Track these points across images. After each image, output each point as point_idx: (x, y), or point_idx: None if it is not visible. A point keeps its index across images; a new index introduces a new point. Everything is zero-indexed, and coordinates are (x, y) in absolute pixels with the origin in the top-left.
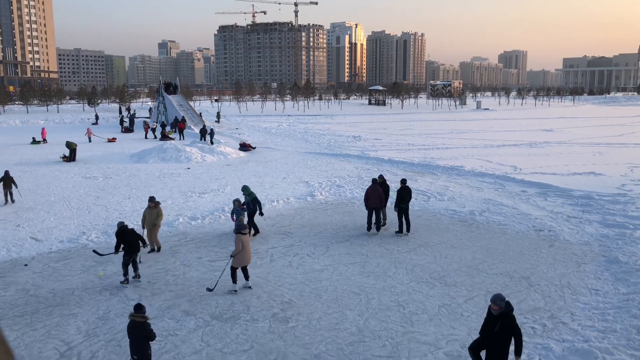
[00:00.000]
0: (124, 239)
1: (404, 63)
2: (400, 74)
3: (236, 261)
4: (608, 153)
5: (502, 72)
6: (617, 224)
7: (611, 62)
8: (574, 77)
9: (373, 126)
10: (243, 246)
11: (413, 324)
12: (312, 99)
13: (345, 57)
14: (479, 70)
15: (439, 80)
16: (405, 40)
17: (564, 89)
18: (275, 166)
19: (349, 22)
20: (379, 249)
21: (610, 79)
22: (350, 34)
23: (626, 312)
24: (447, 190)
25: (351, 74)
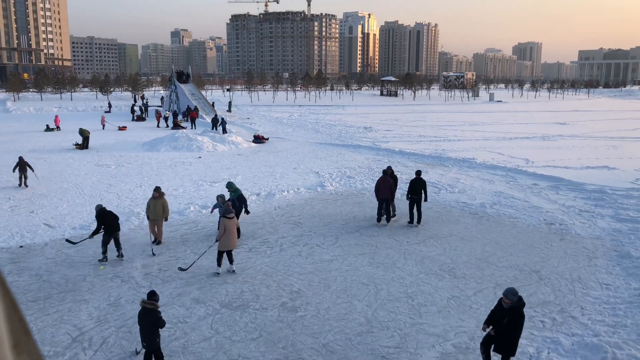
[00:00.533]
0: (104, 220)
1: (417, 54)
2: (412, 65)
3: (221, 245)
4: (622, 147)
5: (516, 64)
6: (630, 218)
7: (628, 55)
8: (590, 69)
9: (384, 117)
10: (227, 230)
11: (421, 315)
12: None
13: (357, 48)
14: (493, 62)
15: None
16: (418, 31)
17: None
18: (286, 156)
19: (361, 12)
20: (388, 240)
21: (626, 72)
22: (363, 24)
23: (637, 307)
24: (458, 183)
25: (363, 65)
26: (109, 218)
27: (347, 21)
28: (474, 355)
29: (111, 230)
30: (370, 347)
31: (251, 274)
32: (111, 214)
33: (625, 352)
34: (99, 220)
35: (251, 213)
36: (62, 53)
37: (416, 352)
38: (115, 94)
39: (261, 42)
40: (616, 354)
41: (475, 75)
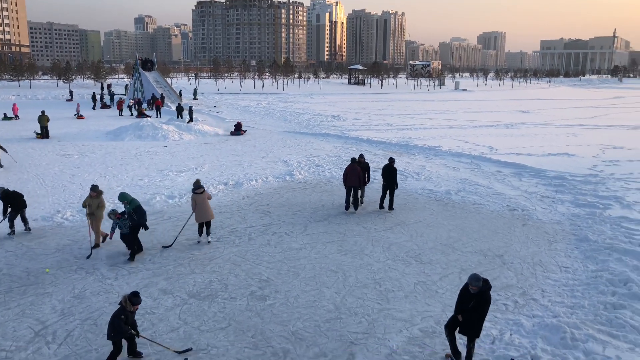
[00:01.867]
0: (9, 200)
1: (384, 43)
2: (380, 54)
3: (197, 217)
4: (581, 134)
5: (480, 53)
6: (587, 203)
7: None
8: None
9: (352, 106)
10: (198, 204)
11: (389, 301)
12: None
13: (325, 36)
14: (458, 51)
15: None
16: (385, 20)
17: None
18: (253, 145)
19: (329, 0)
20: (356, 227)
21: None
22: (330, 12)
23: (594, 288)
24: (425, 170)
25: (331, 53)
26: (13, 197)
27: (314, 9)
28: (440, 338)
29: (18, 208)
30: (339, 334)
31: (219, 263)
32: (15, 193)
33: (582, 332)
34: (5, 202)
35: (219, 202)
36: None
37: (384, 337)
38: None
39: (228, 29)
40: (574, 334)
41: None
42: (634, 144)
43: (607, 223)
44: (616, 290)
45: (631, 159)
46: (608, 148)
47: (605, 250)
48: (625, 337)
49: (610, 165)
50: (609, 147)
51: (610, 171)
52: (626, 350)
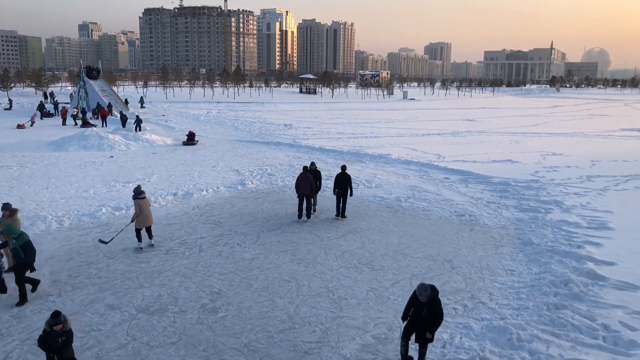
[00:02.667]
0: None
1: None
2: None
3: (138, 223)
4: (523, 142)
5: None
6: (530, 208)
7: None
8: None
9: (304, 114)
10: (141, 209)
11: (342, 308)
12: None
13: (276, 45)
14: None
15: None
16: (335, 30)
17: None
18: (204, 154)
19: (279, 9)
20: (309, 236)
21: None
22: (281, 21)
23: (538, 290)
24: (375, 178)
25: (282, 62)
26: None
27: (264, 18)
28: (392, 345)
29: None
30: (293, 344)
31: (169, 276)
32: None
33: (527, 332)
34: None
35: (168, 213)
36: None
37: (337, 346)
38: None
39: (176, 37)
40: (520, 335)
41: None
42: (571, 151)
43: (548, 227)
44: (558, 291)
45: (569, 164)
46: (548, 154)
47: (548, 252)
48: (567, 336)
49: (551, 171)
50: (549, 153)
51: (550, 177)
52: (568, 349)
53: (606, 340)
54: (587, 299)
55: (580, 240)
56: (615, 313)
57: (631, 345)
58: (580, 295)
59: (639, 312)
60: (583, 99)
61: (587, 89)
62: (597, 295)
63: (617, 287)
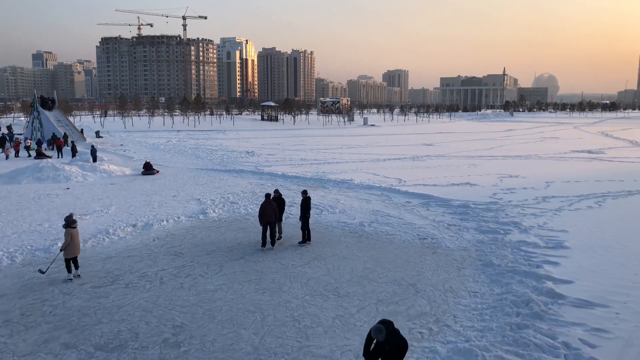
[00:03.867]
0: None
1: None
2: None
3: (67, 253)
4: (481, 165)
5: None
6: (490, 230)
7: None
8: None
9: (266, 142)
10: (72, 239)
11: (308, 337)
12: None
13: (236, 73)
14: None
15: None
16: (295, 58)
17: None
18: (164, 184)
19: (239, 38)
20: (274, 264)
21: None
22: (241, 49)
23: (500, 310)
24: (338, 203)
25: (243, 90)
26: None
27: (224, 46)
28: None
29: None
30: None
31: (129, 311)
32: None
33: (492, 354)
34: None
35: (128, 245)
36: None
37: None
38: None
39: (135, 66)
40: (485, 356)
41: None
42: (526, 173)
43: (508, 247)
44: (520, 311)
45: (525, 186)
46: (505, 177)
47: (508, 273)
48: (530, 355)
49: (508, 193)
50: (506, 176)
51: (508, 198)
52: None
53: (567, 358)
54: (548, 317)
55: (538, 260)
56: (575, 331)
57: None
58: (541, 314)
59: (597, 329)
60: (535, 122)
61: (538, 113)
62: (557, 314)
63: (576, 304)
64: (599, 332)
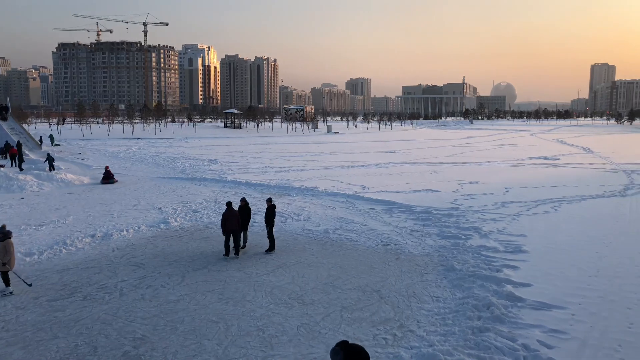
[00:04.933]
0: None
1: (259, 87)
2: (255, 98)
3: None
4: (442, 171)
5: (349, 97)
6: (452, 235)
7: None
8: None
9: (229, 149)
10: (9, 252)
11: (273, 347)
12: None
13: (198, 80)
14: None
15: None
16: (258, 65)
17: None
18: (124, 193)
19: (201, 45)
20: (237, 273)
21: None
22: (203, 56)
23: (462, 314)
24: (303, 211)
25: (205, 97)
26: None
27: (186, 53)
28: None
29: None
30: None
31: (87, 324)
32: None
33: (455, 358)
34: None
35: (86, 256)
36: None
37: None
38: None
39: (93, 73)
40: None
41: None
42: (486, 179)
43: (469, 252)
44: (481, 315)
45: (485, 192)
46: (465, 183)
47: (470, 277)
48: (491, 358)
49: (468, 198)
50: (466, 182)
51: (468, 204)
52: None
53: None
54: (508, 320)
55: (498, 264)
56: (534, 332)
57: None
58: (502, 317)
59: (554, 330)
60: (494, 130)
61: (497, 120)
62: (517, 317)
63: (534, 307)
64: (556, 334)
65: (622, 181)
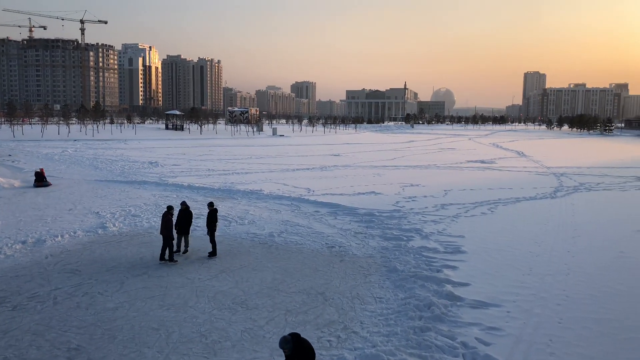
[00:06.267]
0: None
1: (202, 89)
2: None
3: None
4: (385, 174)
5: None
6: (394, 236)
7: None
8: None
9: (171, 152)
10: None
11: (216, 353)
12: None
13: (139, 80)
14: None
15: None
16: (201, 66)
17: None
18: (58, 196)
19: (142, 44)
20: (179, 279)
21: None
22: (144, 56)
23: (404, 315)
24: (248, 214)
25: (146, 98)
26: None
27: (126, 53)
28: None
29: None
30: None
31: (17, 335)
32: None
33: (398, 358)
34: None
35: (16, 264)
36: None
37: None
38: None
39: (25, 71)
40: None
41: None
42: (426, 181)
43: (410, 253)
44: (422, 315)
45: (425, 194)
46: (407, 186)
47: (411, 278)
48: (432, 357)
49: (410, 201)
50: (408, 184)
51: (410, 206)
52: None
53: (466, 357)
54: (448, 319)
55: (439, 265)
56: (472, 330)
57: (487, 359)
58: (442, 316)
59: (491, 327)
60: (434, 134)
61: (437, 125)
62: (456, 315)
63: (472, 306)
64: (493, 331)
65: (552, 184)
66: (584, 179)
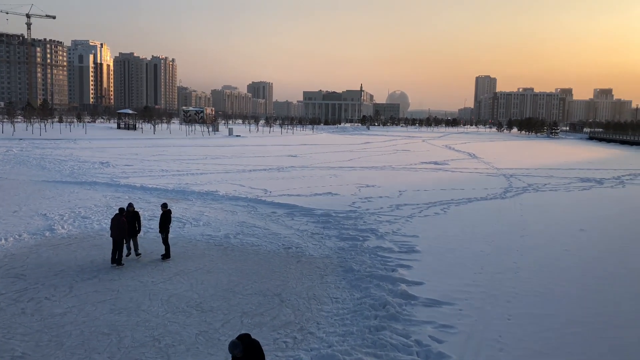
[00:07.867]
0: None
1: (155, 87)
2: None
3: None
4: (341, 175)
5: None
6: (350, 237)
7: (341, 97)
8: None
9: (123, 152)
10: None
11: (170, 357)
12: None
13: (90, 78)
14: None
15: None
16: (155, 65)
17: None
18: (2, 198)
19: (93, 41)
20: (132, 282)
21: (340, 112)
22: (95, 53)
23: (360, 314)
24: (203, 216)
25: (97, 96)
26: None
27: (76, 49)
28: None
29: None
30: None
31: None
32: None
33: (353, 357)
34: None
35: None
36: None
37: None
38: None
39: None
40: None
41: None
42: (381, 182)
43: (366, 253)
44: (377, 314)
45: (381, 195)
46: (363, 186)
47: (367, 278)
48: (387, 356)
49: (366, 201)
50: (364, 185)
51: (365, 207)
52: None
53: (419, 355)
54: (402, 318)
55: (393, 264)
56: (426, 328)
57: (440, 356)
58: (397, 315)
59: (444, 325)
60: (389, 136)
61: (392, 127)
62: (410, 314)
63: (426, 304)
64: (445, 328)
65: (502, 184)
66: (532, 180)
